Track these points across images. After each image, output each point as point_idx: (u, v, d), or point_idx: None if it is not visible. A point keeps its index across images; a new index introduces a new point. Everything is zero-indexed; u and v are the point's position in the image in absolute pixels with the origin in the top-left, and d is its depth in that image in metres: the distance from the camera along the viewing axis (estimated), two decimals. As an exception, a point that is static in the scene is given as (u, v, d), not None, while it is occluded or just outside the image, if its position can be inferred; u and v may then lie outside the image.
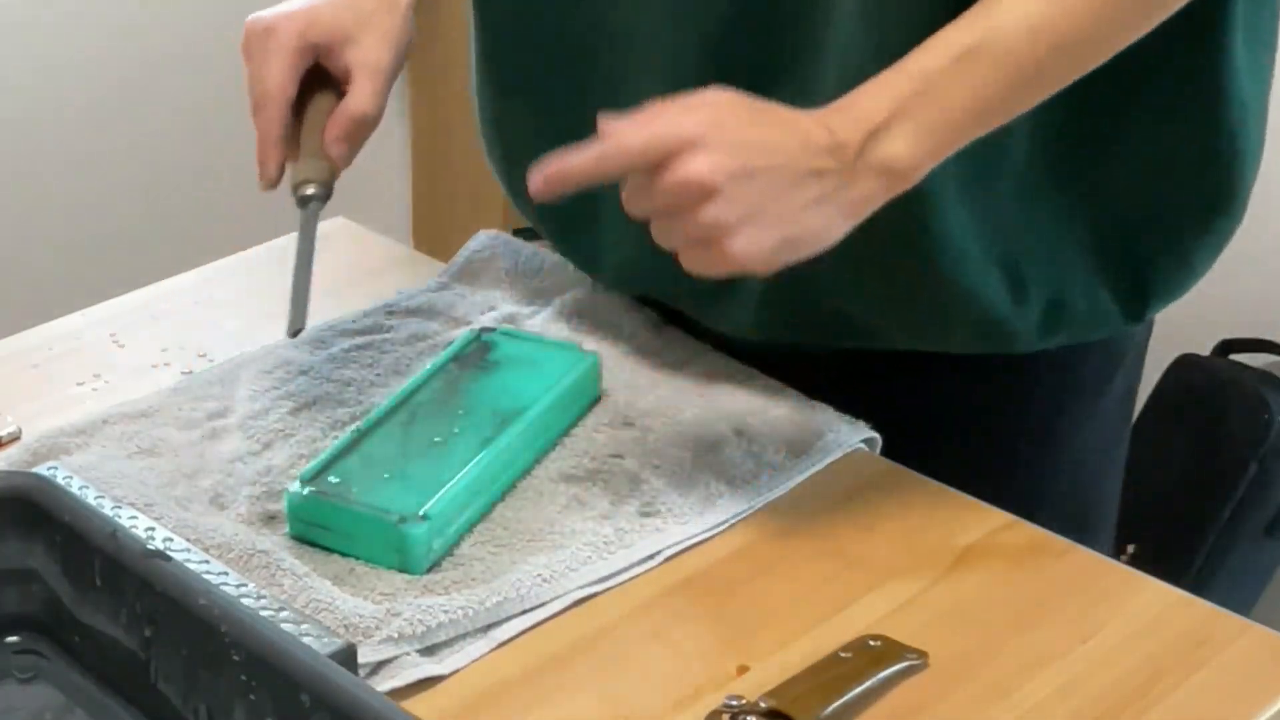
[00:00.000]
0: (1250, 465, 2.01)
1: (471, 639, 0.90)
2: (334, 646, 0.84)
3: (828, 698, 0.85)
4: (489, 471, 0.99)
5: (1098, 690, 0.87)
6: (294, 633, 0.84)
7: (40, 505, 0.89)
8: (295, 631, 0.84)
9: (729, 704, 0.85)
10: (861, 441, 1.06)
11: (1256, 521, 2.03)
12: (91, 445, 1.03)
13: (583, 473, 1.02)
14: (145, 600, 0.85)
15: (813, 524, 1.00)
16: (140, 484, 0.99)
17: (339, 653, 0.83)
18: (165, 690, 0.85)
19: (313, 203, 1.05)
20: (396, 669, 0.87)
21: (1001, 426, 1.12)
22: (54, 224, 2.34)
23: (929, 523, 1.00)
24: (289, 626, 0.85)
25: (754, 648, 0.90)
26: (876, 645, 0.89)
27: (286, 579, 0.91)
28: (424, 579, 0.92)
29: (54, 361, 1.16)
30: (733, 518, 0.99)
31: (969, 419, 1.12)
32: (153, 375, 1.14)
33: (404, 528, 0.93)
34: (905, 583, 0.95)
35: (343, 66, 1.06)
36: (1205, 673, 0.89)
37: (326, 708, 0.77)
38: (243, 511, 0.98)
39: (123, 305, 1.23)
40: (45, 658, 0.90)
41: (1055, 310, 1.05)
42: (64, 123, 2.32)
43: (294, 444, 1.04)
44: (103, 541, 0.87)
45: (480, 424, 1.02)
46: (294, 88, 1.04)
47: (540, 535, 0.96)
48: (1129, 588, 0.96)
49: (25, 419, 1.07)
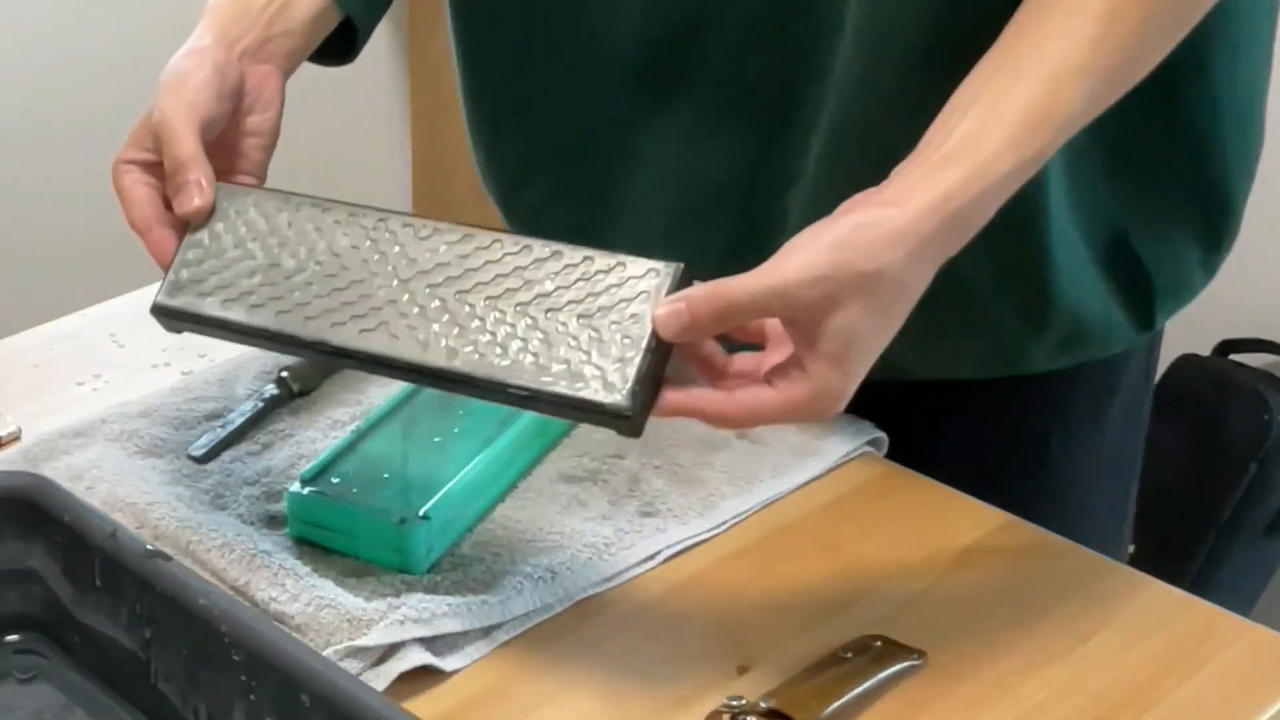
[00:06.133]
0: (1250, 465, 2.01)
1: (471, 639, 0.90)
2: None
3: (828, 698, 0.85)
4: (489, 471, 0.99)
5: (1098, 690, 0.87)
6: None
7: (40, 505, 0.90)
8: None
9: (729, 704, 0.85)
10: (868, 443, 1.06)
11: (1256, 521, 2.03)
12: (91, 445, 1.03)
13: (583, 473, 1.02)
14: (145, 600, 0.85)
15: (813, 524, 1.00)
16: (141, 483, 0.99)
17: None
18: (165, 690, 0.85)
19: None
20: (399, 661, 0.87)
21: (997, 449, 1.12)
22: (54, 224, 2.34)
23: (929, 523, 1.00)
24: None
25: (754, 648, 0.90)
26: (876, 645, 0.89)
27: (289, 579, 0.91)
28: (424, 579, 0.92)
29: (54, 361, 1.16)
30: (733, 518, 0.99)
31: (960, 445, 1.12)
32: (153, 375, 1.14)
33: (404, 528, 0.93)
34: (905, 583, 0.95)
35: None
36: (1205, 673, 0.89)
37: (326, 708, 0.77)
38: (243, 512, 0.98)
39: (123, 305, 1.23)
40: (45, 658, 0.90)
41: (1072, 328, 1.05)
42: (64, 122, 2.32)
43: (294, 444, 1.04)
44: (103, 541, 0.87)
45: (480, 424, 1.02)
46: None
47: (540, 535, 0.96)
48: (1129, 588, 0.96)
49: (25, 419, 1.07)
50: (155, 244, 0.94)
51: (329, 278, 0.90)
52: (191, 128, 0.92)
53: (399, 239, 0.89)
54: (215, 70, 0.95)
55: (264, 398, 1.07)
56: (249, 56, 0.97)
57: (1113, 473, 1.18)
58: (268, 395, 1.07)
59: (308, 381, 1.09)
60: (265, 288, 0.91)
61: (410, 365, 0.86)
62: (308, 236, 0.91)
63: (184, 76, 0.94)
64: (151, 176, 0.95)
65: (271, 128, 0.98)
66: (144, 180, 0.95)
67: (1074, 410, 1.13)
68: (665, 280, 0.83)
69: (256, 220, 0.93)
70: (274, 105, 0.98)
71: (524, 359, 0.84)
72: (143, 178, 0.95)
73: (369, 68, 1.35)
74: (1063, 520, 1.02)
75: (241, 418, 1.06)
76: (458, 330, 0.85)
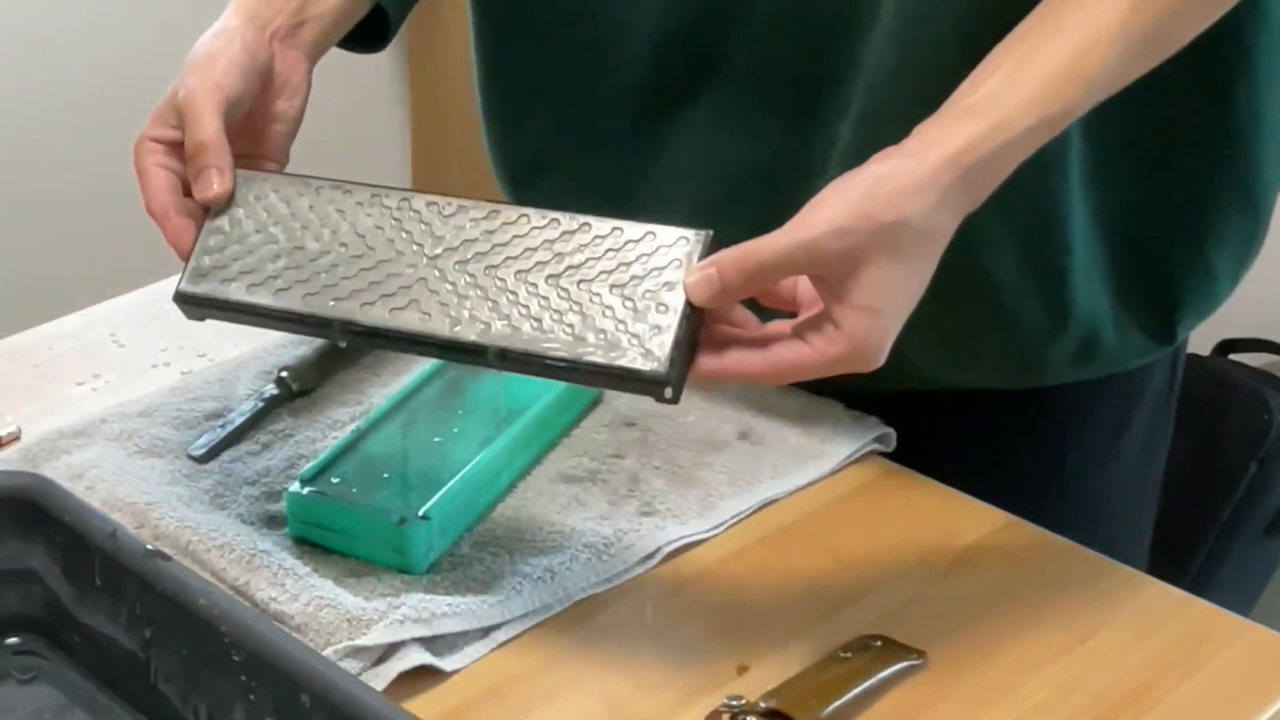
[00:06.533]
0: (1250, 465, 2.01)
1: (471, 639, 0.89)
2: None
3: (828, 698, 0.85)
4: (489, 471, 0.99)
5: (1098, 690, 0.87)
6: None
7: (40, 505, 0.90)
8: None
9: (729, 704, 0.85)
10: (874, 440, 1.06)
11: (1256, 522, 2.03)
12: (91, 445, 1.03)
13: (583, 473, 1.02)
14: (145, 600, 0.85)
15: (813, 524, 1.00)
16: (141, 483, 0.99)
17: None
18: (165, 690, 0.85)
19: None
20: (398, 661, 0.87)
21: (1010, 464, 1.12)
22: (54, 224, 2.34)
23: (929, 523, 1.00)
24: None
25: (754, 648, 0.90)
26: (876, 645, 0.89)
27: (289, 579, 0.91)
28: (424, 579, 0.92)
29: (54, 361, 1.16)
30: (733, 518, 0.99)
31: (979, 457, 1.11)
32: (153, 375, 1.14)
33: (404, 528, 0.93)
34: (905, 583, 0.95)
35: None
36: (1205, 673, 0.89)
37: (326, 708, 0.77)
38: (243, 511, 0.98)
39: (123, 305, 1.23)
40: (45, 658, 0.90)
41: (1090, 336, 1.05)
42: (64, 122, 2.32)
43: (294, 444, 1.04)
44: (103, 541, 0.87)
45: (480, 424, 1.02)
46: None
47: (540, 535, 0.96)
48: (1129, 588, 0.96)
49: (25, 419, 1.07)
50: (173, 232, 0.94)
51: (355, 258, 0.89)
52: (215, 109, 0.92)
53: (423, 217, 0.89)
54: (245, 49, 0.95)
55: (264, 398, 1.07)
56: (279, 39, 0.97)
57: (1133, 492, 1.18)
58: (268, 395, 1.07)
59: (308, 381, 1.09)
60: (290, 270, 0.90)
61: (444, 341, 0.86)
62: (330, 218, 0.91)
63: (213, 55, 0.94)
64: (173, 159, 0.95)
65: (297, 114, 0.98)
66: (164, 163, 0.94)
67: (1092, 426, 1.13)
68: (696, 247, 0.84)
69: (277, 204, 0.92)
70: (301, 92, 0.98)
71: (559, 331, 0.84)
72: (164, 160, 0.94)
73: (369, 65, 1.35)
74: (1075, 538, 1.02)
75: (241, 418, 1.06)
76: (490, 305, 0.86)
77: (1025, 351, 1.05)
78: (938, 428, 1.10)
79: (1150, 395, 1.15)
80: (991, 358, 1.05)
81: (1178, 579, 0.97)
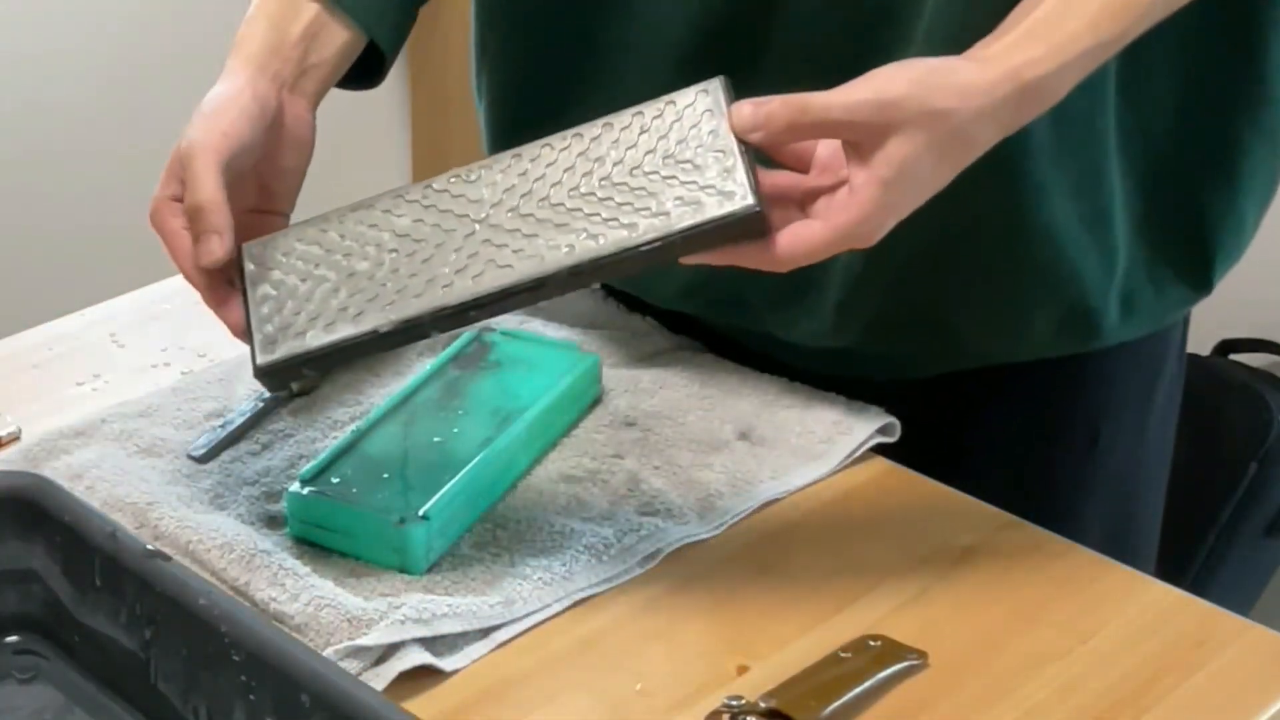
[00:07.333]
0: (1250, 465, 2.01)
1: (471, 639, 0.89)
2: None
3: (828, 698, 0.85)
4: (489, 471, 0.99)
5: (1098, 690, 0.87)
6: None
7: (40, 505, 0.90)
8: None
9: (729, 704, 0.85)
10: (877, 431, 1.05)
11: (1256, 521, 2.03)
12: (91, 445, 1.03)
13: (583, 473, 1.02)
14: (145, 600, 0.85)
15: (813, 524, 1.00)
16: (141, 483, 0.99)
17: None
18: (165, 690, 0.85)
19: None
20: (398, 661, 0.87)
21: (1044, 442, 1.12)
22: (54, 224, 2.34)
23: (929, 523, 1.00)
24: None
25: (754, 648, 0.90)
26: (876, 645, 0.89)
27: (289, 579, 0.91)
28: (424, 579, 0.92)
29: (54, 361, 1.16)
30: (733, 518, 0.99)
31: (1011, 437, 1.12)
32: (153, 375, 1.14)
33: (404, 528, 0.93)
34: (905, 583, 0.95)
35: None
36: (1205, 673, 0.89)
37: (326, 708, 0.77)
38: (243, 512, 0.98)
39: (123, 305, 1.23)
40: (45, 658, 0.90)
41: (1130, 289, 1.05)
42: (64, 122, 2.32)
43: (294, 444, 1.04)
44: (103, 541, 0.87)
45: (480, 424, 1.02)
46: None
47: (540, 536, 0.96)
48: (1129, 588, 0.96)
49: (25, 419, 1.07)
50: (215, 303, 0.94)
51: (410, 256, 0.89)
52: (213, 166, 0.91)
53: (453, 192, 0.89)
54: (255, 99, 0.94)
55: (264, 398, 1.07)
56: (286, 89, 0.97)
57: (1155, 468, 1.20)
58: (267, 395, 1.07)
59: (308, 381, 1.09)
60: (356, 296, 0.89)
61: (537, 280, 0.86)
62: (367, 236, 0.91)
63: (221, 106, 0.94)
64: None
65: (303, 167, 0.98)
66: (186, 225, 0.93)
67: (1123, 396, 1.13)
68: (718, 93, 0.86)
69: (309, 250, 0.92)
70: (308, 146, 0.98)
71: (639, 219, 0.85)
72: (185, 222, 0.93)
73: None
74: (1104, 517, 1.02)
75: (241, 418, 1.06)
76: (561, 229, 0.86)
77: (1082, 307, 1.05)
78: (970, 408, 1.11)
79: (1169, 366, 1.16)
80: (1052, 320, 1.05)
81: (1178, 579, 0.97)
